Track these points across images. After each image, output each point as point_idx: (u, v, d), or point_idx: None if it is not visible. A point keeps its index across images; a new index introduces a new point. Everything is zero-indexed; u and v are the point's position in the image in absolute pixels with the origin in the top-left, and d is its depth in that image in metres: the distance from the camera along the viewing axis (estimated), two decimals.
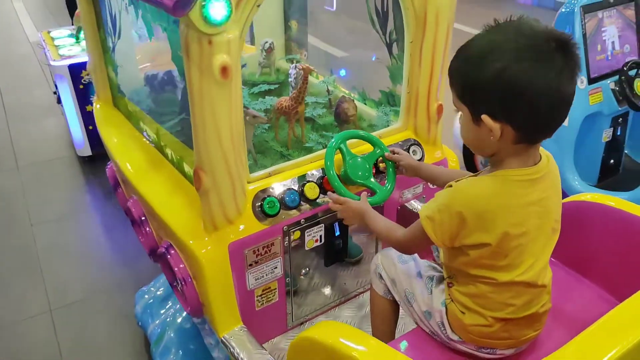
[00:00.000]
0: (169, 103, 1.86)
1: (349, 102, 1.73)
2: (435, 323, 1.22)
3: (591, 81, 2.43)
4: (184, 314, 2.06)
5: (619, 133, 2.65)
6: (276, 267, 1.49)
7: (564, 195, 1.63)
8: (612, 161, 2.69)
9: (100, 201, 3.20)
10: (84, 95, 3.25)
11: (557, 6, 2.46)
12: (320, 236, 1.55)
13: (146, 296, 2.20)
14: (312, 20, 2.30)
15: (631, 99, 2.42)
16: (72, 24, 3.74)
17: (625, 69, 2.44)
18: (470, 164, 2.88)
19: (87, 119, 3.31)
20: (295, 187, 1.48)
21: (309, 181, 1.49)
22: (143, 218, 1.73)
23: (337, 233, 1.60)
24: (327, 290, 1.74)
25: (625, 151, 2.81)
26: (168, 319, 2.06)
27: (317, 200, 1.49)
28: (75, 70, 3.19)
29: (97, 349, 2.17)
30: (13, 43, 5.79)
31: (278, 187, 1.46)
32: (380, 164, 1.56)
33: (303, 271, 1.60)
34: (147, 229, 1.72)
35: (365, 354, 0.97)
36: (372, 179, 1.51)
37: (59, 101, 3.50)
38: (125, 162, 1.78)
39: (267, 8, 2.20)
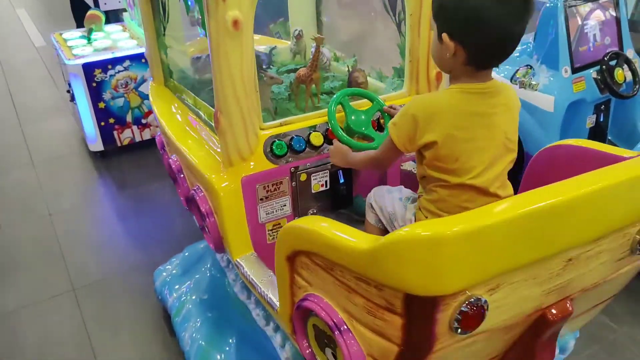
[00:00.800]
0: (205, 79, 2.15)
1: (359, 71, 1.95)
2: None
3: (575, 70, 2.60)
4: (201, 287, 2.28)
5: (601, 119, 2.79)
6: (285, 205, 1.72)
7: None
8: None
9: (113, 194, 3.49)
10: (96, 92, 3.54)
11: (539, 5, 2.67)
12: (326, 181, 1.77)
13: (164, 274, 2.45)
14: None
15: (612, 87, 2.58)
16: (77, 27, 4.08)
17: (606, 59, 2.61)
18: None
19: (100, 115, 3.60)
20: (303, 135, 1.71)
21: (315, 130, 1.72)
22: (182, 175, 2.02)
23: (342, 180, 1.80)
24: None
25: (609, 137, 2.90)
26: (186, 293, 2.29)
27: (322, 148, 1.71)
28: (89, 69, 3.46)
29: (121, 323, 2.41)
30: (19, 48, 6.24)
31: (287, 134, 1.70)
32: (381, 120, 1.77)
33: (310, 212, 1.81)
34: (185, 184, 2.00)
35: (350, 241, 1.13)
36: (371, 128, 1.71)
37: (72, 99, 3.76)
38: (170, 127, 2.08)
39: (302, 2, 2.48)
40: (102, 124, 3.65)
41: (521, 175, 1.61)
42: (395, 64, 2.07)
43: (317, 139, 1.71)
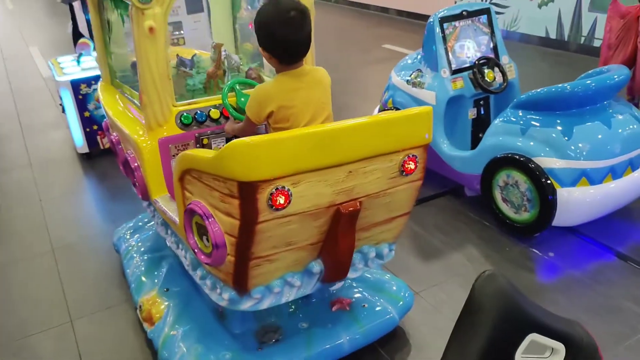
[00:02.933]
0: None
1: (254, 70, 2.64)
2: None
3: (453, 72, 3.33)
4: (147, 238, 2.94)
5: (482, 112, 3.50)
6: None
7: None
8: (480, 135, 3.48)
9: (95, 185, 4.27)
10: (82, 104, 4.27)
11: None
12: (223, 145, 2.42)
13: (121, 232, 3.15)
14: None
15: (482, 84, 3.32)
16: (75, 52, 4.82)
17: (477, 63, 3.36)
18: None
19: (85, 123, 4.34)
20: (205, 111, 2.37)
21: (215, 108, 2.39)
22: (120, 146, 2.66)
23: None
24: None
25: None
26: (135, 243, 2.97)
27: (219, 120, 2.39)
28: (76, 84, 4.21)
29: (87, 272, 3.11)
30: (29, 78, 7.21)
31: (193, 110, 2.36)
32: None
33: None
34: (122, 151, 2.63)
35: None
36: None
37: (63, 110, 4.50)
38: (112, 112, 2.72)
39: (222, 25, 3.18)
40: (87, 130, 4.37)
41: None
42: None
43: (215, 114, 2.38)
